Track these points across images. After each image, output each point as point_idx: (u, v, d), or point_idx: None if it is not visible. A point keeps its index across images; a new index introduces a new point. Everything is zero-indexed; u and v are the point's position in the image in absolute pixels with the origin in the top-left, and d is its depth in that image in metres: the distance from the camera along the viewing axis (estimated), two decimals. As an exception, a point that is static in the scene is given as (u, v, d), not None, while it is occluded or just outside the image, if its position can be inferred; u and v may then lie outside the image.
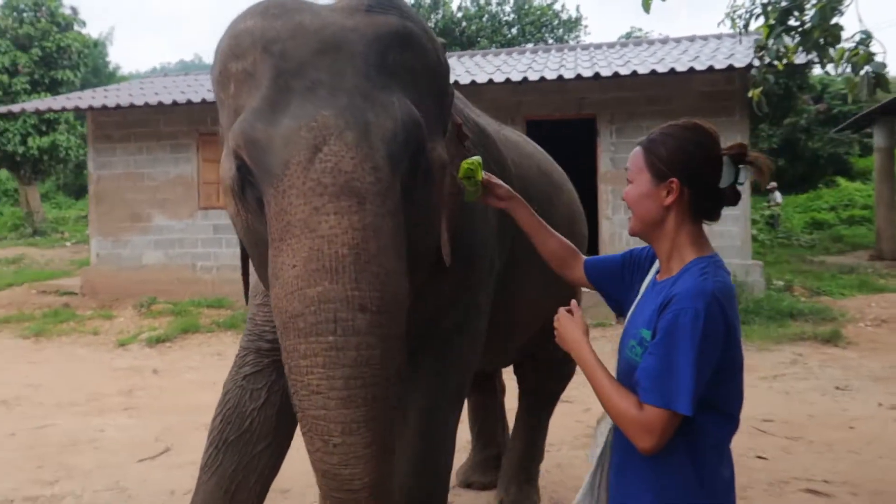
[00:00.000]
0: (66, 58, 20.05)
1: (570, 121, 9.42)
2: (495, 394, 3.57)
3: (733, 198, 1.43)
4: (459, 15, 21.75)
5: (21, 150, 18.93)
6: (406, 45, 1.52)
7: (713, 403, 1.33)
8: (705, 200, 1.42)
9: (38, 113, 15.20)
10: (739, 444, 4.03)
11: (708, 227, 1.48)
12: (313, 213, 1.30)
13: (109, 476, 3.68)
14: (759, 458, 3.89)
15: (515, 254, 2.27)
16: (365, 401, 1.27)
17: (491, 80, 8.67)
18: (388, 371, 1.32)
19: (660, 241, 1.46)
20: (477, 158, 1.70)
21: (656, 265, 1.55)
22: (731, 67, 8.03)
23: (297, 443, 3.97)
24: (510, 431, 3.46)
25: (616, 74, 8.37)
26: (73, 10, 21.14)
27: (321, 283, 1.27)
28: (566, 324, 1.50)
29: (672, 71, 8.24)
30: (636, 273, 1.62)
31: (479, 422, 3.53)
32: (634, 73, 8.33)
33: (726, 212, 1.46)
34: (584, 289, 2.23)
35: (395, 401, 1.36)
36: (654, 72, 8.28)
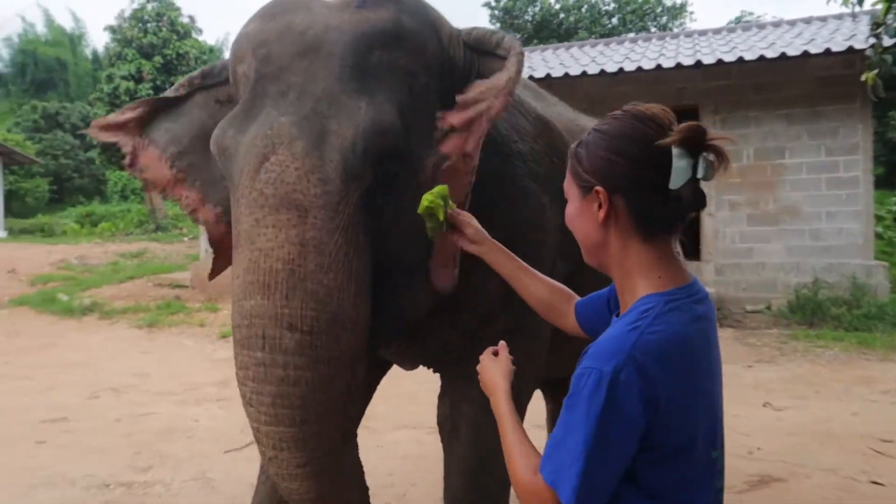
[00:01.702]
0: (184, 64, 21.44)
1: (671, 112, 8.97)
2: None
3: (695, 200, 1.04)
4: (557, 7, 21.31)
5: (145, 151, 20.41)
6: (395, 43, 1.42)
7: (641, 484, 1.02)
8: (652, 210, 1.05)
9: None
10: (851, 466, 3.70)
11: (825, 224, 1.11)
12: (254, 225, 1.28)
13: (197, 466, 3.83)
14: (874, 483, 3.50)
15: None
16: (293, 421, 1.24)
17: (584, 72, 8.40)
18: (322, 394, 1.26)
19: (611, 270, 1.13)
20: (441, 188, 1.40)
21: None
22: (850, 49, 7.36)
23: (365, 440, 3.96)
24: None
25: (720, 62, 7.88)
26: (191, 18, 22.59)
27: (254, 296, 1.25)
28: (488, 366, 1.25)
29: (783, 56, 7.65)
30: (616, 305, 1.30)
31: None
32: (741, 59, 7.81)
33: (845, 207, 1.09)
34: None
35: (338, 423, 1.32)
36: (762, 57, 7.72)
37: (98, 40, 43.71)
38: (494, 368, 1.24)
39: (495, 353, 1.28)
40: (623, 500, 1.02)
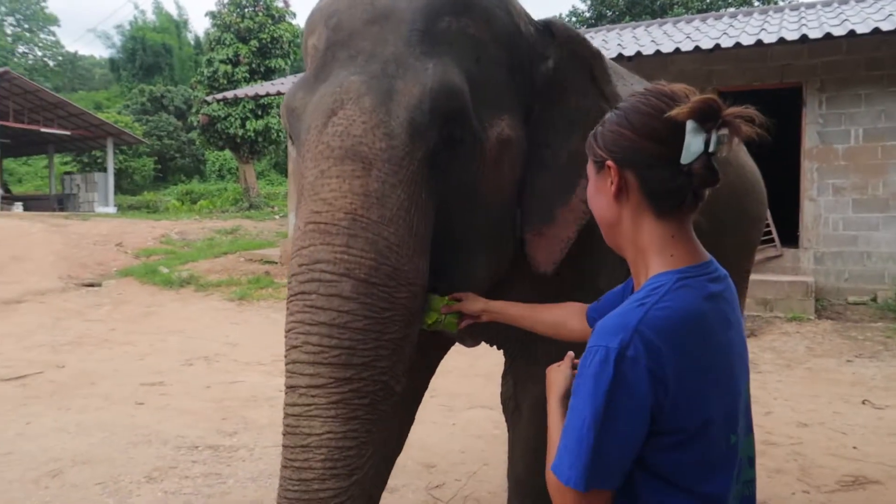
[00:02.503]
0: (278, 47, 22.09)
1: (771, 91, 8.46)
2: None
3: (707, 176, 0.99)
4: (652, -18, 20.49)
5: (240, 132, 21.31)
6: (463, 12, 1.43)
7: (655, 471, 0.97)
8: (662, 185, 1.02)
9: (254, 98, 16.97)
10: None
11: None
12: (319, 176, 1.30)
13: (279, 433, 3.96)
14: None
15: None
16: (338, 360, 1.23)
17: (678, 50, 8.03)
18: (371, 343, 1.25)
19: (625, 250, 1.10)
20: (431, 300, 1.45)
21: None
22: (981, 20, 6.68)
23: (440, 418, 3.96)
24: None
25: (828, 36, 7.34)
26: (286, 2, 23.18)
27: (314, 243, 1.26)
28: (550, 376, 1.24)
29: (901, 28, 7.05)
30: None
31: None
32: (852, 32, 7.24)
33: None
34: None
35: (381, 378, 1.28)
36: (877, 30, 7.13)
37: (199, 26, 45.96)
38: (554, 376, 1.23)
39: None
40: (637, 486, 0.98)
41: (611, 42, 9.79)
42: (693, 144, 0.97)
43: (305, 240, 1.28)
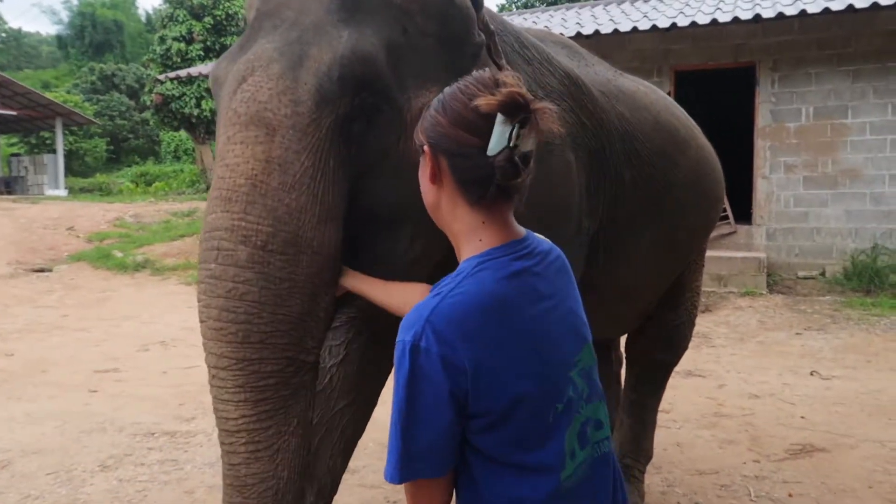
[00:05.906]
0: (233, 24, 21.51)
1: (726, 71, 8.60)
2: (611, 365, 3.36)
3: (509, 171, 0.99)
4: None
5: (196, 112, 20.75)
6: None
7: (485, 453, 1.01)
8: (469, 174, 1.02)
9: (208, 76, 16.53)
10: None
11: (887, 188, 0.98)
12: (226, 143, 1.29)
13: (238, 417, 3.94)
14: (924, 456, 3.37)
15: (616, 213, 2.06)
16: (235, 337, 1.22)
17: (635, 29, 8.08)
18: (269, 314, 1.23)
19: (447, 233, 1.12)
20: None
21: None
22: (925, 1, 6.87)
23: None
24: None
25: (780, 15, 7.47)
26: (240, -22, 22.55)
27: (216, 210, 1.25)
28: None
29: (850, 8, 7.21)
30: None
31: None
32: (803, 12, 7.39)
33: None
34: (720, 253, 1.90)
35: (286, 350, 1.26)
36: (827, 10, 7.29)
37: (149, 1, 44.54)
38: None
39: None
40: (471, 467, 1.02)
41: (569, 21, 9.80)
42: (498, 136, 0.98)
43: (210, 207, 1.28)
